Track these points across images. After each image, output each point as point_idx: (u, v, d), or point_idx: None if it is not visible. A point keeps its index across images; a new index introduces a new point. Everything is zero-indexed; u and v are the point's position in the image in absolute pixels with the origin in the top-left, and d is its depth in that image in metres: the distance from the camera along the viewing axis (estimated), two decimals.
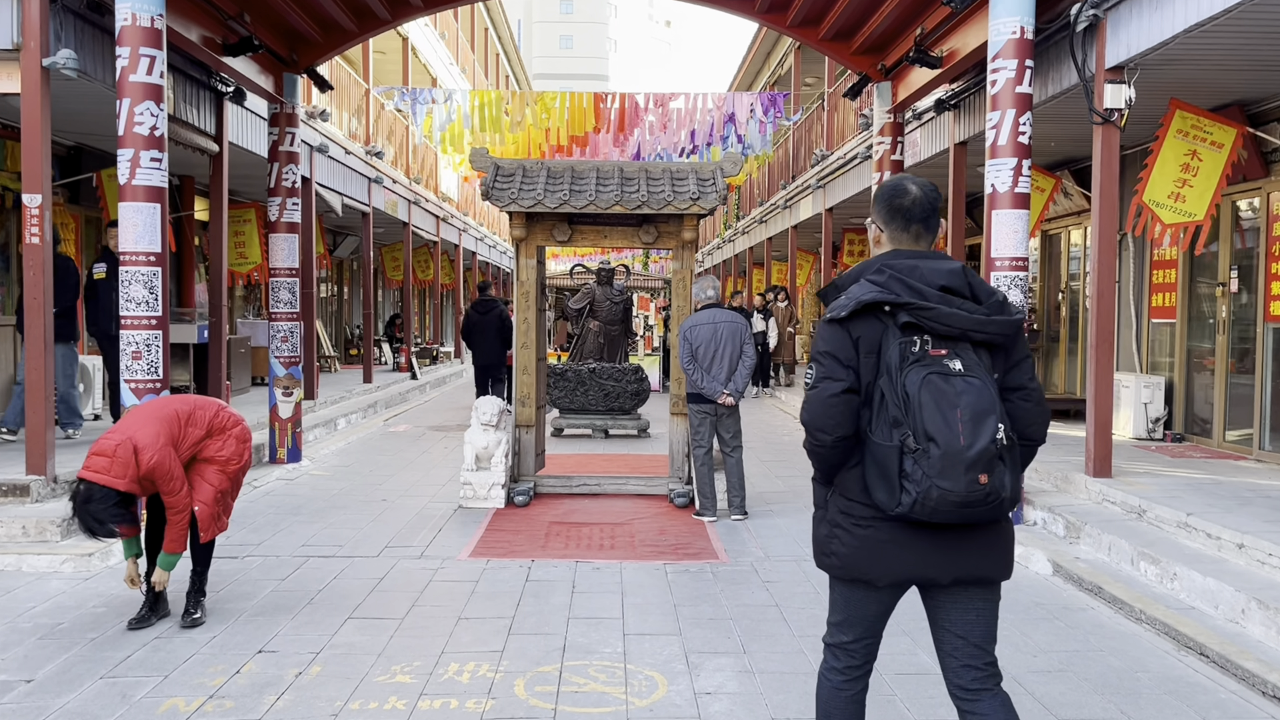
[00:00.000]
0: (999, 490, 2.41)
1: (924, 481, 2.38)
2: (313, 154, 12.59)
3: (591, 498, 8.24)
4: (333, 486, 8.67)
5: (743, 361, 7.37)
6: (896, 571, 2.57)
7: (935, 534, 2.51)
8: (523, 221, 8.07)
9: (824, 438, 2.55)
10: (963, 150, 9.77)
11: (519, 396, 8.27)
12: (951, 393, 2.40)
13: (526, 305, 8.26)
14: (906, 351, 2.45)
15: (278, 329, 9.63)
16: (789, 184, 18.71)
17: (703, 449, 7.45)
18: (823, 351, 2.58)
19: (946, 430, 2.37)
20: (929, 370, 2.42)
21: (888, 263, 2.57)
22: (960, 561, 2.55)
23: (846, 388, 2.52)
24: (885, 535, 2.54)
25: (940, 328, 2.45)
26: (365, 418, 13.65)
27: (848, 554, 2.60)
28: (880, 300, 2.48)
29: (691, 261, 8.29)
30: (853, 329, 2.53)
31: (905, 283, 2.50)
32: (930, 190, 2.69)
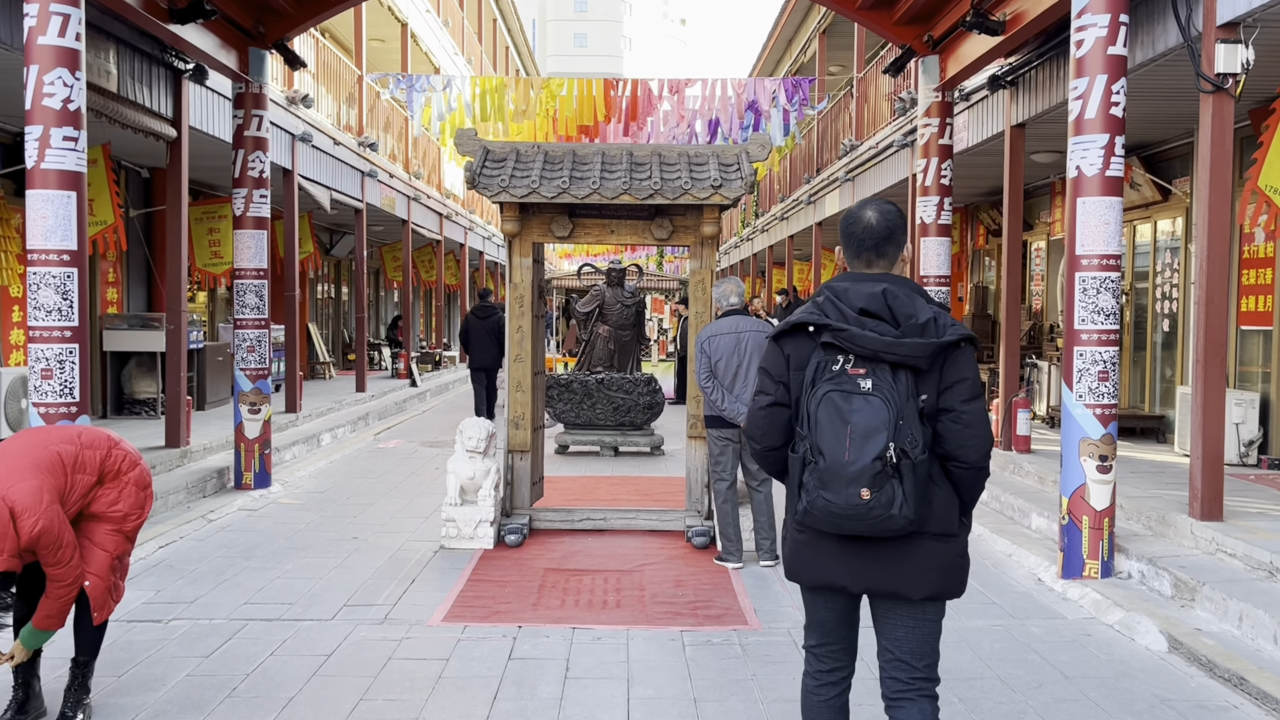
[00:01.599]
0: (885, 506, 2.48)
1: (813, 491, 2.54)
2: (295, 143, 11.50)
3: (596, 535, 7.09)
4: (300, 519, 7.56)
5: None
6: (813, 575, 2.74)
7: (845, 544, 2.65)
8: (516, 214, 6.93)
9: (755, 446, 2.79)
10: (1020, 134, 8.58)
11: (511, 418, 7.13)
12: (846, 410, 2.52)
13: (521, 311, 7.12)
14: (824, 369, 2.59)
15: (244, 338, 8.53)
16: (813, 178, 17.51)
17: (725, 482, 6.30)
18: (760, 367, 2.82)
19: (835, 445, 2.50)
20: (832, 388, 2.55)
21: (831, 285, 2.72)
22: (867, 573, 2.66)
23: (773, 401, 2.73)
24: (807, 539, 2.72)
25: (853, 348, 2.56)
26: (354, 431, 12.55)
27: (788, 555, 2.81)
28: (805, 321, 2.66)
29: (712, 260, 7.13)
30: (784, 346, 2.73)
31: (835, 305, 2.63)
32: (887, 217, 2.76)
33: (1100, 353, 5.68)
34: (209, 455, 9.09)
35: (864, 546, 2.63)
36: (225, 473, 8.57)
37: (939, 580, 2.66)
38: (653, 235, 7.08)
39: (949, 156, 8.57)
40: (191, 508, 7.72)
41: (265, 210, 8.55)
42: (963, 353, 2.64)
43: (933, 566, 2.65)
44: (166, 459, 8.31)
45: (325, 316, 20.39)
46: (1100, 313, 5.67)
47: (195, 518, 7.37)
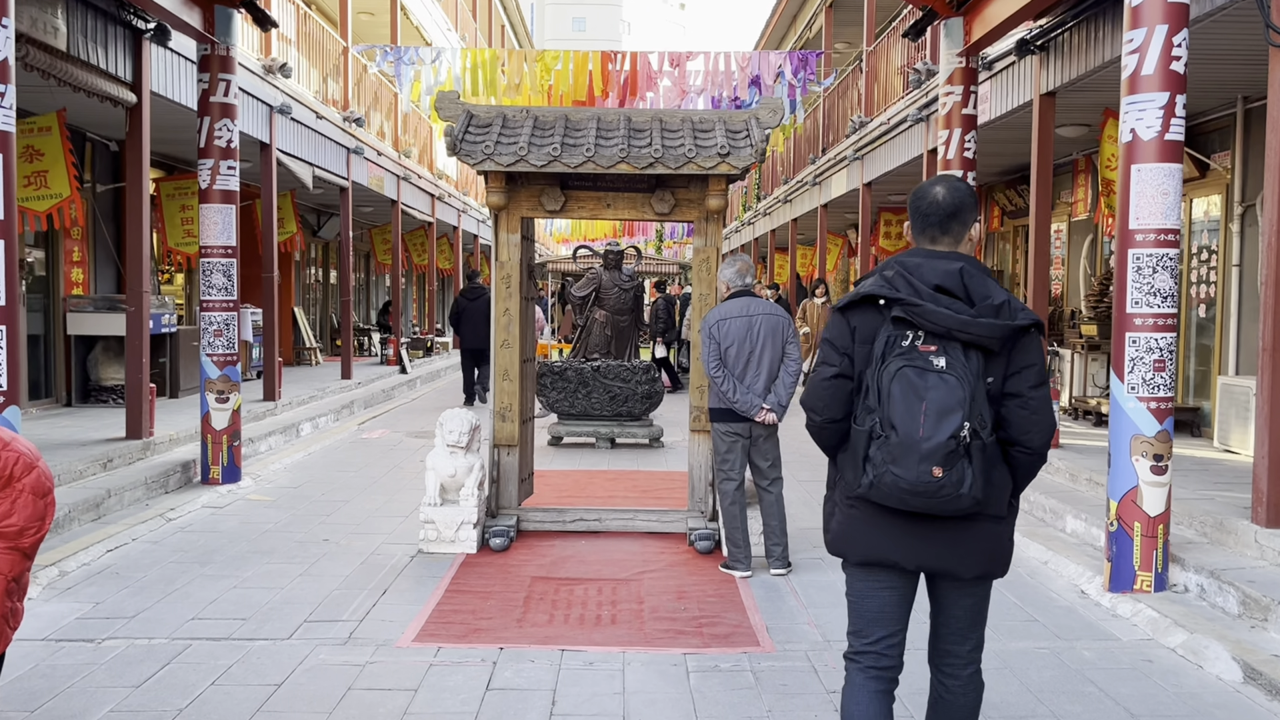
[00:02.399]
0: (955, 485, 2.48)
1: (881, 466, 2.52)
2: (273, 115, 10.84)
3: (590, 537, 6.48)
4: (269, 518, 6.94)
5: (785, 366, 5.61)
6: (865, 549, 2.71)
7: (903, 520, 2.63)
8: (502, 185, 6.29)
9: (815, 417, 2.75)
10: (1050, 103, 7.94)
11: (497, 409, 6.50)
12: (921, 386, 2.50)
13: (508, 292, 6.49)
14: (894, 344, 2.56)
15: (210, 320, 7.89)
16: (818, 158, 16.85)
17: (732, 483, 5.68)
18: (824, 338, 2.77)
19: (909, 420, 2.48)
20: (906, 363, 2.53)
21: (900, 259, 2.68)
22: (923, 551, 2.66)
23: (837, 373, 2.70)
24: (862, 515, 2.69)
25: (927, 324, 2.53)
26: (337, 420, 11.92)
27: (837, 530, 2.77)
28: (875, 294, 2.62)
29: (719, 236, 6.49)
30: (851, 318, 2.70)
31: (907, 280, 2.60)
32: (956, 193, 2.72)
33: (1156, 339, 5.05)
34: (175, 447, 8.47)
35: (923, 524, 2.63)
36: (191, 466, 7.95)
37: (989, 561, 2.70)
38: (653, 209, 6.44)
39: (973, 127, 7.93)
40: (150, 505, 7.10)
41: (233, 183, 7.90)
42: (1032, 338, 2.63)
43: (985, 548, 2.68)
44: (126, 451, 7.68)
45: (312, 301, 19.74)
46: (1156, 294, 5.04)
47: (152, 516, 6.75)
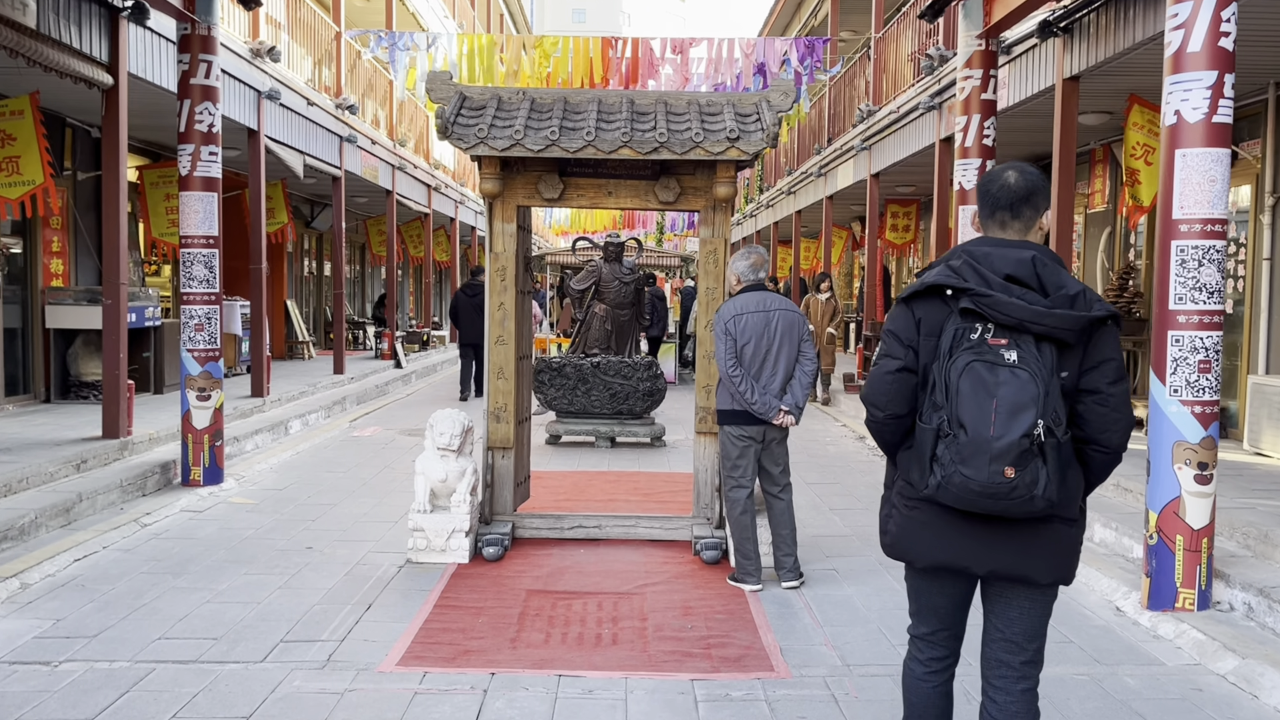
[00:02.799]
0: (1028, 486, 2.36)
1: (949, 466, 2.40)
2: (261, 101, 10.44)
3: (590, 545, 6.11)
4: (250, 524, 6.57)
5: (801, 365, 5.25)
6: (931, 555, 2.59)
7: (972, 523, 2.52)
8: (496, 171, 5.91)
9: (876, 413, 2.62)
10: (1074, 88, 7.55)
11: (491, 409, 6.13)
12: (992, 382, 2.38)
13: (503, 285, 6.11)
14: (962, 337, 2.43)
15: (191, 314, 7.52)
16: (823, 148, 16.45)
17: (743, 490, 5.31)
18: (887, 329, 2.64)
19: (979, 418, 2.36)
20: (975, 358, 2.40)
21: (968, 248, 2.58)
22: (994, 555, 2.55)
23: (901, 366, 2.58)
24: (926, 518, 2.57)
25: (998, 316, 2.41)
26: (329, 417, 11.55)
27: (896, 533, 2.65)
28: (942, 284, 2.51)
29: (727, 226, 6.12)
30: (915, 309, 2.58)
31: (976, 270, 2.48)
32: (1027, 178, 2.61)
33: (1201, 338, 4.68)
34: (155, 447, 8.10)
35: (993, 527, 2.52)
36: (171, 468, 7.58)
37: (1062, 565, 2.58)
38: (657, 198, 6.06)
39: (993, 113, 7.54)
40: (125, 509, 6.73)
41: (215, 169, 7.52)
42: (1109, 331, 2.51)
43: (1058, 551, 2.57)
44: (101, 452, 7.31)
45: (306, 293, 19.35)
46: (1202, 289, 4.67)
47: (126, 522, 6.39)
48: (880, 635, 4.63)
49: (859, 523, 6.83)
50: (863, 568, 5.74)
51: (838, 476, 8.53)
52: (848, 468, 8.94)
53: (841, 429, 11.49)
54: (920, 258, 17.93)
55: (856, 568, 5.74)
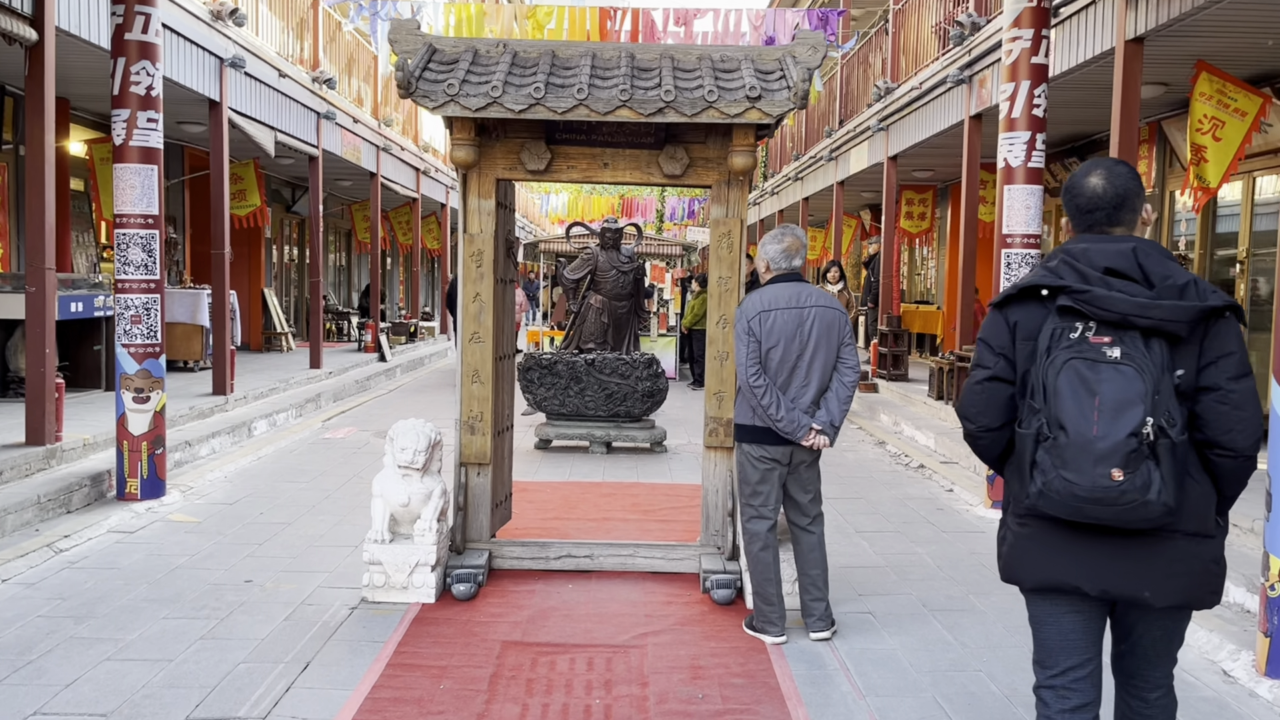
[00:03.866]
0: (1140, 490, 2.18)
1: (1050, 472, 2.26)
2: (223, 69, 9.48)
3: (580, 579, 5.20)
4: (186, 549, 5.65)
5: (839, 375, 4.32)
6: (1039, 574, 2.43)
7: (1082, 537, 2.34)
8: (471, 136, 4.97)
9: (969, 425, 2.51)
10: (1138, 52, 6.62)
11: (465, 419, 5.20)
12: (1093, 379, 2.23)
13: (478, 273, 5.18)
14: (1060, 337, 2.30)
15: (127, 304, 6.58)
16: (834, 131, 15.50)
17: (764, 522, 4.39)
18: (979, 338, 2.54)
19: (1080, 418, 2.21)
20: (1074, 356, 2.26)
21: (1065, 247, 2.45)
22: (1105, 573, 2.35)
23: (992, 375, 2.46)
24: (1034, 532, 2.41)
25: (1098, 312, 2.27)
26: (300, 416, 10.62)
27: (1008, 553, 2.50)
28: (1038, 284, 2.39)
29: (743, 204, 5.19)
30: (1009, 314, 2.46)
31: (1073, 266, 2.36)
32: (1117, 181, 2.43)
33: None
34: (91, 454, 7.17)
35: (1105, 540, 2.33)
36: (105, 479, 6.66)
37: (1188, 586, 2.35)
38: (661, 170, 5.14)
39: (1044, 79, 6.60)
40: (41, 530, 5.81)
41: (155, 139, 6.57)
42: (1228, 323, 2.33)
43: (1183, 570, 2.34)
44: (20, 461, 6.38)
45: (287, 282, 18.40)
46: None
47: (39, 547, 5.47)
48: (940, 710, 3.72)
49: (891, 549, 5.92)
50: (904, 610, 4.83)
51: (860, 490, 7.61)
52: (870, 479, 8.03)
53: (858, 433, 10.58)
54: (935, 247, 17.00)
55: (897, 610, 4.83)
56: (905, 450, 9.30)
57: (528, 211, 38.34)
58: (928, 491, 7.62)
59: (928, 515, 6.83)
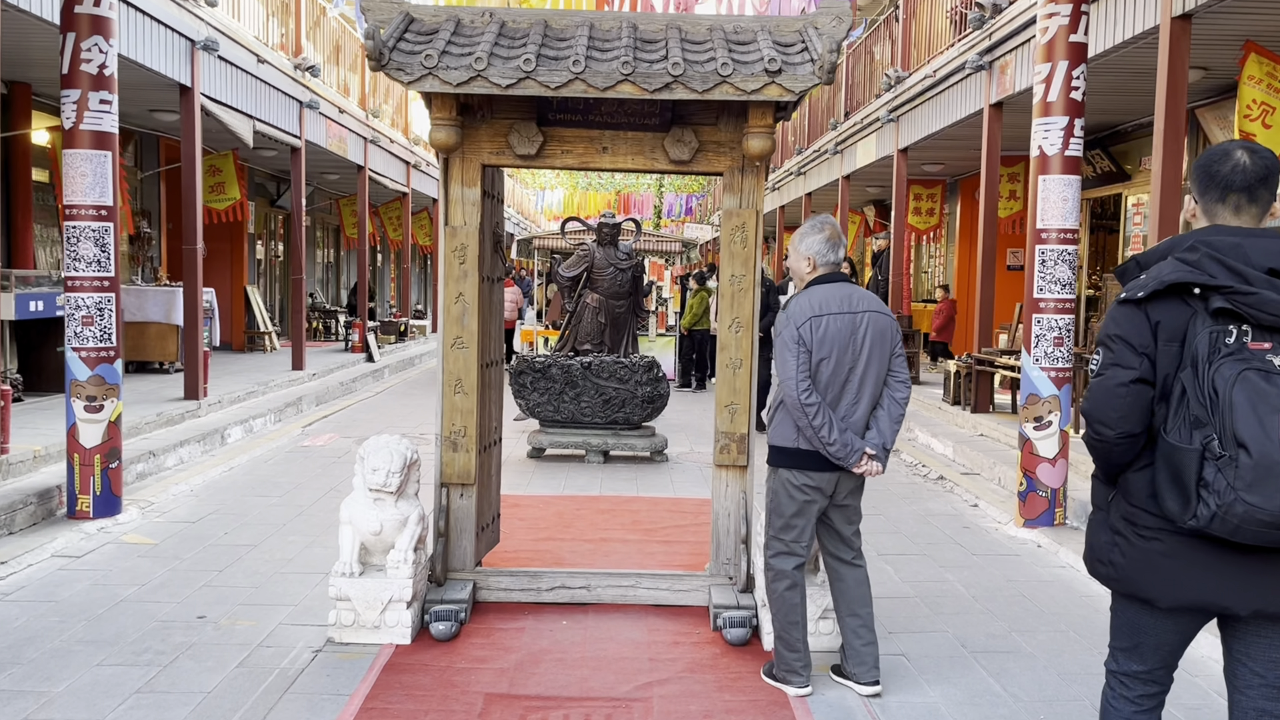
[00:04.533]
0: None
1: (1227, 494, 2.08)
2: (194, 52, 8.89)
3: (575, 612, 4.63)
4: (136, 576, 5.08)
5: (890, 390, 3.76)
6: (1182, 594, 2.26)
7: (1235, 555, 2.19)
8: (452, 115, 4.40)
9: (1106, 432, 2.27)
10: (1185, 29, 6.06)
11: (446, 434, 4.63)
12: (1274, 394, 2.07)
13: (461, 271, 4.61)
14: (1219, 342, 2.14)
15: (77, 304, 6.00)
16: (840, 123, 14.94)
17: (795, 559, 3.80)
18: (1113, 335, 2.30)
19: (1263, 437, 2.05)
20: (1246, 366, 2.10)
21: (1204, 239, 2.25)
22: (1265, 591, 2.21)
23: (1137, 377, 2.25)
24: (1172, 549, 2.25)
25: (1264, 317, 2.12)
26: (278, 421, 10.04)
27: (1127, 565, 2.32)
28: (1189, 281, 2.19)
29: (759, 193, 4.63)
30: (1152, 312, 2.25)
31: (1223, 263, 2.17)
32: (1261, 156, 2.29)
33: None
34: (44, 466, 6.59)
35: (1258, 558, 2.18)
36: (55, 495, 6.08)
37: None
38: (667, 155, 4.57)
39: (1083, 59, 6.04)
40: None
41: (109, 122, 5.99)
42: None
43: None
44: None
45: (273, 279, 17.79)
46: None
47: None
48: None
49: (919, 576, 5.36)
50: (941, 652, 4.27)
51: (877, 504, 7.04)
52: (887, 492, 7.47)
53: None
54: (944, 244, 16.46)
55: (933, 652, 4.27)
56: (922, 460, 8.75)
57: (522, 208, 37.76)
58: (951, 506, 7.07)
59: (954, 534, 6.27)
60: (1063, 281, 6.14)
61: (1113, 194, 10.52)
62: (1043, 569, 5.54)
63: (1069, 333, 6.16)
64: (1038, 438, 6.15)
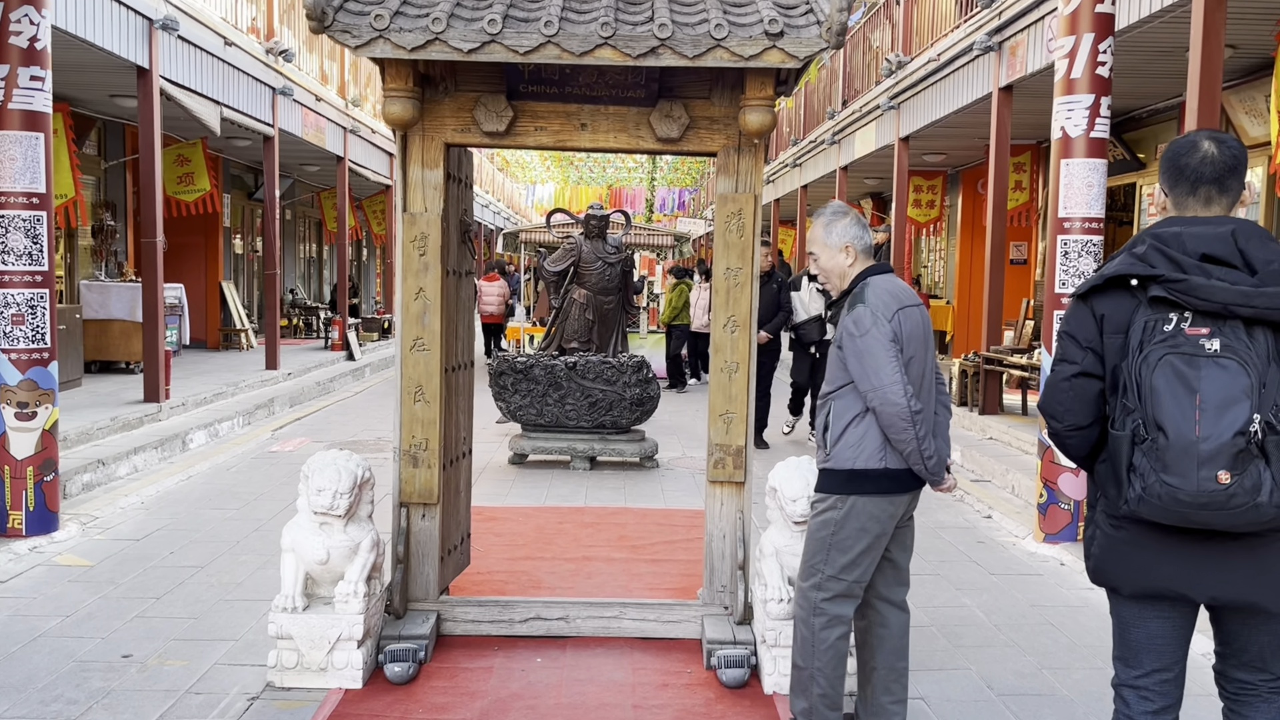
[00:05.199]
0: (1249, 493, 2.07)
1: (1149, 476, 2.14)
2: (153, 31, 8.33)
3: (551, 646, 4.12)
4: (62, 606, 4.55)
5: (940, 395, 3.27)
6: (1142, 580, 2.30)
7: (1188, 541, 2.23)
8: (408, 85, 3.87)
9: (1055, 425, 2.37)
10: (1220, 1, 5.54)
11: (406, 447, 4.11)
12: (1192, 376, 2.11)
13: (421, 264, 4.08)
14: (1154, 330, 2.18)
15: (7, 300, 5.46)
16: (837, 112, 14.43)
17: (854, 602, 3.17)
18: (1061, 331, 2.40)
19: (1180, 419, 2.10)
20: (1169, 351, 2.15)
21: (1153, 232, 2.31)
22: (1217, 579, 2.24)
23: (1079, 371, 2.32)
24: (1132, 536, 2.29)
25: (1196, 302, 2.15)
26: (248, 424, 9.49)
27: (1100, 555, 2.38)
28: (1126, 274, 2.26)
29: (758, 176, 4.11)
30: (1096, 306, 2.32)
31: (1164, 253, 2.24)
32: (1229, 145, 2.31)
33: None
34: None
35: (1214, 545, 2.21)
36: None
37: None
38: (654, 134, 4.06)
39: (1110, 32, 5.53)
40: None
41: (41, 100, 5.45)
42: None
43: None
44: None
45: (251, 275, 17.22)
46: None
47: None
48: None
49: (934, 600, 4.85)
50: (966, 695, 3.76)
51: None
52: None
53: None
54: (944, 237, 15.97)
55: (957, 695, 3.76)
56: None
57: (513, 202, 37.20)
58: (962, 518, 6.57)
59: (968, 550, 5.77)
60: (1087, 275, 5.63)
61: (1126, 183, 10.04)
62: (1069, 591, 5.04)
63: None
64: None
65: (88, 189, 11.46)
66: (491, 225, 30.50)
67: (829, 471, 3.11)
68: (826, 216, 3.24)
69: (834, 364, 3.15)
